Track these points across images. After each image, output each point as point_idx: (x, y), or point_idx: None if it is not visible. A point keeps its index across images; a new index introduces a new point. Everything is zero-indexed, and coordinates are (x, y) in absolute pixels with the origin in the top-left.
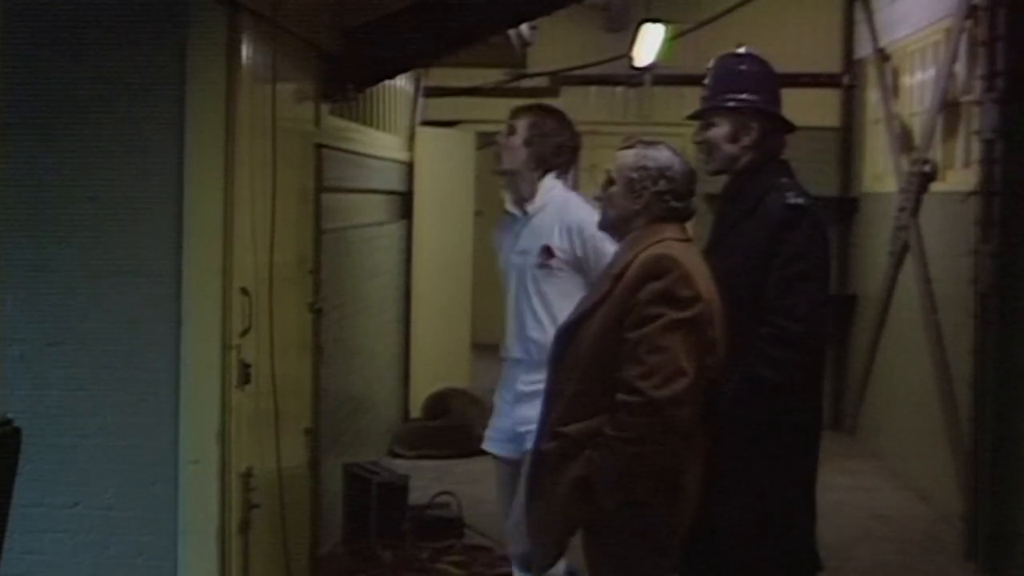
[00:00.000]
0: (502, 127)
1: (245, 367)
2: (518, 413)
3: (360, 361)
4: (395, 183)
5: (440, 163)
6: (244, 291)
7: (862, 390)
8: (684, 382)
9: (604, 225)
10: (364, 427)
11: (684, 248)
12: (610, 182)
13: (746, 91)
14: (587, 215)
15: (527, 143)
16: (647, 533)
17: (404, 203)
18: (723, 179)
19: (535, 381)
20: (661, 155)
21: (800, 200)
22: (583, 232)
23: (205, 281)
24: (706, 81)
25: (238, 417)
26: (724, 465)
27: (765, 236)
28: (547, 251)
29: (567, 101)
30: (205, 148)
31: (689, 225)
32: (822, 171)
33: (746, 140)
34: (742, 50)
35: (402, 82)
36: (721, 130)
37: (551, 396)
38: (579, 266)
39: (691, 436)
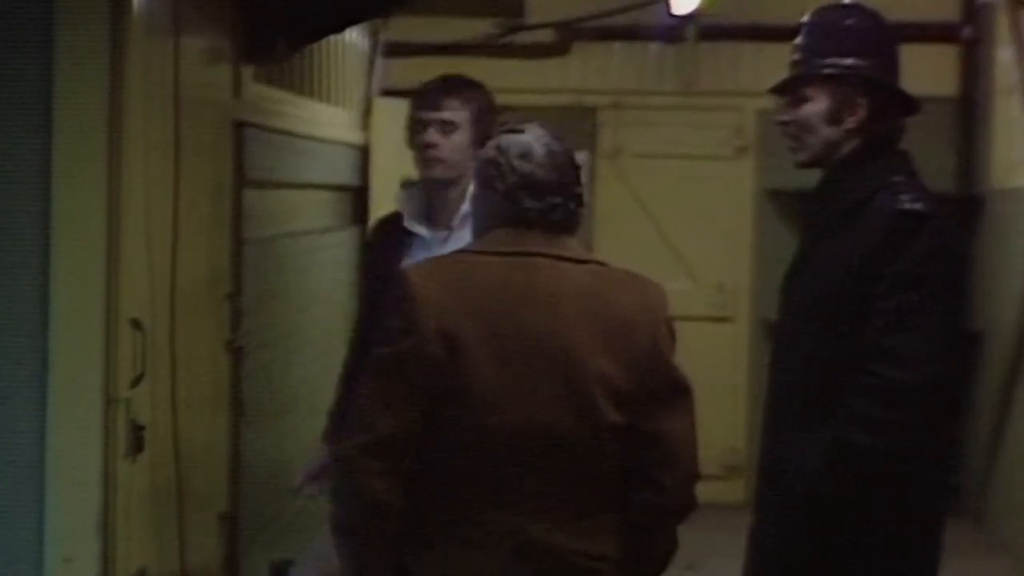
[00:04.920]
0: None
1: (137, 429)
2: None
3: (296, 419)
4: (345, 175)
5: (405, 147)
6: (136, 324)
7: (990, 461)
8: (365, 439)
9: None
10: (299, 509)
11: (459, 265)
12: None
13: (852, 55)
14: None
15: (476, 139)
16: None
17: (357, 201)
18: (815, 173)
19: None
20: (518, 139)
21: (919, 206)
22: None
23: (81, 311)
24: (797, 41)
25: (127, 498)
26: (804, 560)
27: (869, 251)
28: None
29: (580, 62)
30: (81, 128)
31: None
32: (933, 158)
33: (851, 121)
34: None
35: (354, 37)
36: (817, 106)
37: None
38: None
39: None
